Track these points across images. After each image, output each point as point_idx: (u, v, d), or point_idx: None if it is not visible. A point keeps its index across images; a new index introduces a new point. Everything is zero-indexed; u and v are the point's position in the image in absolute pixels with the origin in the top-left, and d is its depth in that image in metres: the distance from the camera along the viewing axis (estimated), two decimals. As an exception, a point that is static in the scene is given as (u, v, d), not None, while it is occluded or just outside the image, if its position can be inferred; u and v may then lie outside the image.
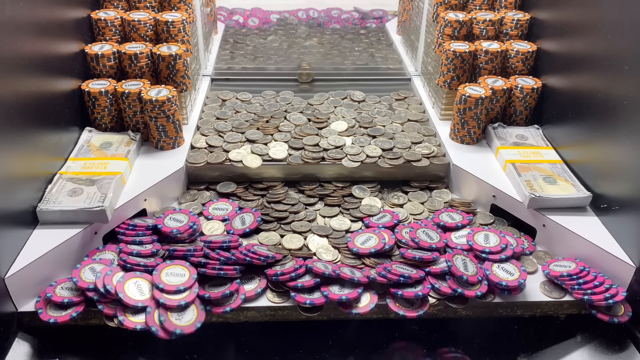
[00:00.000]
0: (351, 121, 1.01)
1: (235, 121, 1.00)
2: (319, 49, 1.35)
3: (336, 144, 0.93)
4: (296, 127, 0.99)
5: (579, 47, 0.85)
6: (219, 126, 0.98)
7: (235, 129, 0.97)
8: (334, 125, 1.00)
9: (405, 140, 0.95)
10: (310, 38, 1.43)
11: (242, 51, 1.33)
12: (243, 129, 0.97)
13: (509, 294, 0.71)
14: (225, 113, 1.03)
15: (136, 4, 1.02)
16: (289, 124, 1.00)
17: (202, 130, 0.97)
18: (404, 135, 0.97)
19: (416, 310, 0.69)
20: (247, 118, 1.01)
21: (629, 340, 0.72)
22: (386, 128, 0.99)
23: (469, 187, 0.88)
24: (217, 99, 1.09)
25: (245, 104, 1.07)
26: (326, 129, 0.98)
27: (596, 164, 0.80)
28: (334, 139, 0.94)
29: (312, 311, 0.70)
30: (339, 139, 0.95)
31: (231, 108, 1.05)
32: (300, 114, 1.03)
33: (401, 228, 0.78)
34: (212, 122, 1.00)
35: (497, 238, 0.76)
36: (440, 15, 1.03)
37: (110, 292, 0.66)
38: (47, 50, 0.81)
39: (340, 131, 0.98)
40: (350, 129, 0.99)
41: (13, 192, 0.69)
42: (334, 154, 0.90)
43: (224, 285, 0.69)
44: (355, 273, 0.70)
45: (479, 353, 0.74)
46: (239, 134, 0.96)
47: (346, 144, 0.94)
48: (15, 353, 0.66)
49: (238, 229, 0.79)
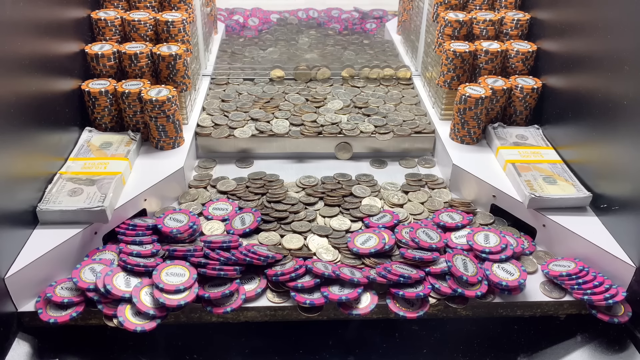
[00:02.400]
0: (347, 101, 1.08)
1: (238, 102, 1.07)
2: (322, 62, 1.28)
3: (332, 121, 1.01)
4: (295, 106, 1.06)
5: (579, 47, 0.85)
6: (224, 107, 1.05)
7: (239, 108, 1.05)
8: (331, 104, 1.07)
9: (398, 118, 1.04)
10: (311, 50, 1.38)
11: (239, 63, 1.27)
12: (246, 109, 1.05)
13: (509, 294, 0.71)
14: (228, 95, 1.10)
15: (136, 4, 1.02)
16: (288, 103, 1.08)
17: (208, 110, 1.04)
18: (396, 114, 1.05)
19: (416, 311, 0.69)
20: (249, 99, 1.08)
21: (629, 340, 0.72)
22: (379, 108, 1.07)
23: (469, 187, 0.88)
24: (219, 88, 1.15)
25: (248, 86, 1.15)
26: (323, 108, 1.06)
27: (596, 164, 0.80)
28: (330, 116, 1.03)
29: (311, 311, 0.70)
30: (335, 116, 1.03)
31: (234, 91, 1.12)
32: (298, 94, 1.11)
33: (401, 228, 0.78)
34: (217, 103, 1.07)
35: (497, 238, 0.76)
36: (440, 15, 1.03)
37: (111, 292, 0.66)
38: (47, 50, 0.81)
39: (337, 109, 1.06)
40: (345, 107, 1.07)
41: (13, 192, 0.69)
42: (330, 129, 0.99)
43: (224, 285, 0.69)
44: (355, 274, 0.70)
45: (479, 353, 0.75)
46: (243, 112, 1.04)
47: (342, 121, 1.02)
48: (15, 353, 0.66)
49: (238, 229, 0.79)
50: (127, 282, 0.68)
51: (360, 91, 1.13)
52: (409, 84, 1.18)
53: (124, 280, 0.68)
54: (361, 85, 1.15)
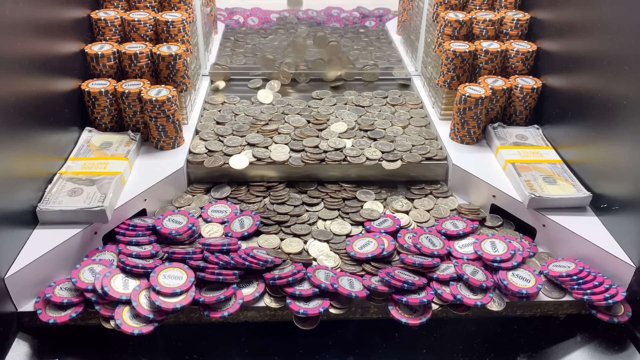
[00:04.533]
0: (351, 123, 1.01)
1: (234, 124, 0.99)
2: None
3: (336, 146, 0.93)
4: (296, 129, 0.98)
5: (579, 47, 0.85)
6: (219, 130, 0.97)
7: (235, 132, 0.97)
8: (334, 126, 0.99)
9: (406, 143, 0.95)
10: (309, 38, 1.42)
11: (242, 49, 1.34)
12: (243, 133, 0.97)
13: (527, 300, 0.71)
14: (224, 117, 1.02)
15: (136, 4, 1.01)
16: (288, 125, 0.99)
17: (202, 134, 0.96)
18: (405, 138, 0.97)
19: (419, 318, 0.68)
20: (245, 121, 1.00)
21: (628, 340, 0.72)
22: (386, 131, 0.99)
23: (468, 187, 0.88)
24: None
25: (245, 105, 1.07)
26: (326, 131, 0.98)
27: (596, 164, 0.80)
28: (334, 140, 0.94)
29: (305, 323, 0.69)
30: (339, 140, 0.95)
31: (230, 112, 1.04)
32: (299, 115, 1.03)
33: (404, 233, 0.78)
34: (211, 127, 0.99)
35: (504, 245, 0.76)
36: (440, 15, 1.03)
37: (108, 295, 0.66)
38: (47, 50, 0.81)
39: (340, 132, 0.98)
40: (350, 130, 0.99)
41: (13, 192, 0.69)
42: (333, 156, 0.90)
43: (220, 290, 0.69)
44: (354, 285, 0.70)
45: (479, 353, 0.75)
46: (239, 137, 0.95)
47: (346, 146, 0.93)
48: (15, 353, 0.66)
49: (237, 232, 0.78)
50: (125, 284, 0.68)
51: (366, 111, 1.05)
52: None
53: (122, 282, 0.68)
54: (367, 104, 1.07)
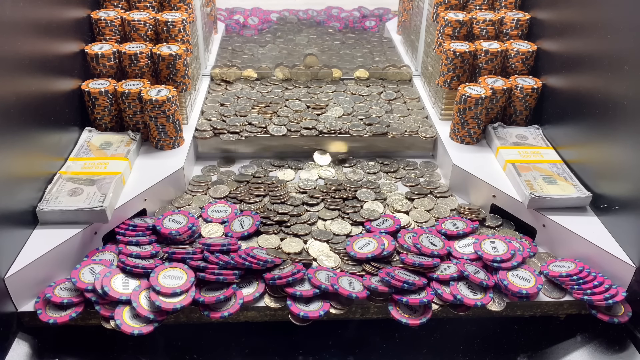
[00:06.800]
0: (348, 109, 1.06)
1: (237, 106, 1.06)
2: (321, 57, 1.30)
3: (332, 128, 0.99)
4: (295, 113, 1.04)
5: (579, 47, 0.85)
6: (223, 111, 1.04)
7: (238, 113, 1.03)
8: (331, 111, 1.04)
9: (400, 128, 1.00)
10: (310, 46, 1.39)
11: (239, 60, 1.29)
12: (245, 113, 1.03)
13: (527, 300, 0.71)
14: (227, 99, 1.08)
15: (136, 4, 1.01)
16: (288, 109, 1.05)
17: (206, 114, 1.03)
18: (399, 124, 1.02)
19: (419, 318, 0.68)
20: (247, 103, 1.07)
21: (629, 340, 0.72)
22: (382, 118, 1.03)
23: (468, 187, 0.88)
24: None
25: (247, 89, 1.13)
26: (323, 115, 1.03)
27: (596, 164, 0.80)
28: (329, 123, 1.00)
29: (304, 321, 0.69)
30: (334, 123, 1.00)
31: (233, 94, 1.10)
32: (299, 100, 1.08)
33: (404, 233, 0.78)
34: (215, 107, 1.05)
35: (504, 245, 0.76)
36: (440, 15, 1.03)
37: (108, 295, 0.66)
38: (47, 50, 0.81)
39: (336, 117, 1.03)
40: (346, 115, 1.04)
41: (13, 192, 0.69)
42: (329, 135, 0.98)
43: (220, 290, 0.69)
44: (354, 286, 0.70)
45: (479, 353, 0.75)
46: (241, 117, 1.02)
47: (341, 128, 0.99)
48: (15, 353, 0.66)
49: (237, 232, 0.78)
50: (125, 284, 0.68)
51: (364, 99, 1.10)
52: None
53: (122, 282, 0.68)
54: (365, 94, 1.12)
